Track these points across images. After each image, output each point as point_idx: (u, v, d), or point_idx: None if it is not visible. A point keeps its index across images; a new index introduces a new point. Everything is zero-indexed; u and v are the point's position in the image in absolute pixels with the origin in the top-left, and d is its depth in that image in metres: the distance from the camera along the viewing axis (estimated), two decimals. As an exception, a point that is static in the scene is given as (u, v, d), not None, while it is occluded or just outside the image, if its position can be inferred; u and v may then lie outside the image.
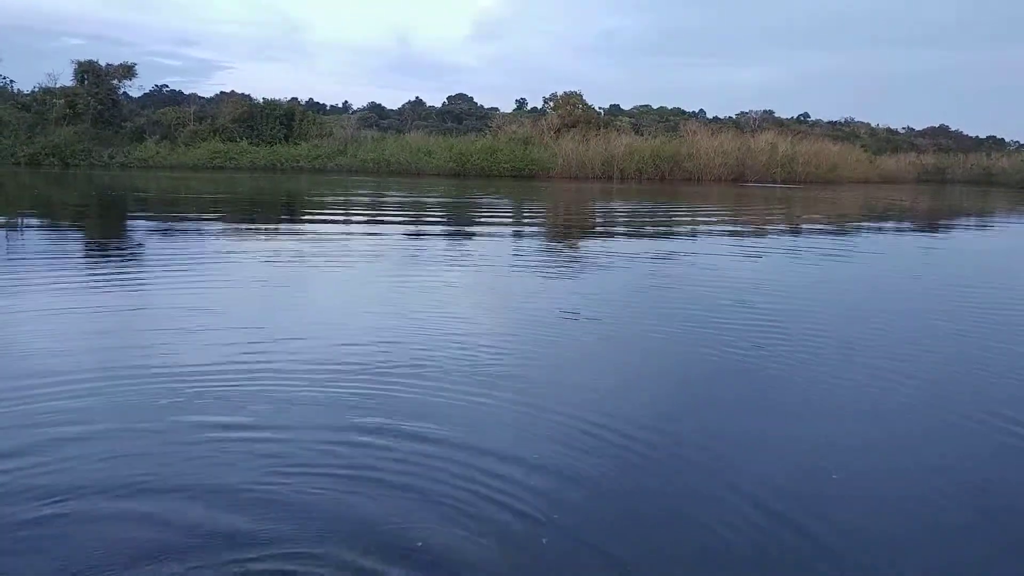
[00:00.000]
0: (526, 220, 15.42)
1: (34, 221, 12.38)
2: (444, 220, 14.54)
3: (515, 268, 8.42)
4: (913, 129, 63.24)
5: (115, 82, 34.38)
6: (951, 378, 4.59)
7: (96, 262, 8.21)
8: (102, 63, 33.91)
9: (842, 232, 13.94)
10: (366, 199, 19.50)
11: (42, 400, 3.68)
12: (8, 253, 8.40)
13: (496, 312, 6.22)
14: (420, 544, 2.48)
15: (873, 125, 61.80)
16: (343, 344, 4.82)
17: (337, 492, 2.83)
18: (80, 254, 8.80)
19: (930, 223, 17.17)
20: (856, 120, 61.97)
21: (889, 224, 16.24)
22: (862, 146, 46.86)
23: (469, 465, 3.07)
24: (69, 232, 11.12)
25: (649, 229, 13.54)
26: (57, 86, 33.75)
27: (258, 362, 4.38)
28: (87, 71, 33.49)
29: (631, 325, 5.76)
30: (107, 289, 6.54)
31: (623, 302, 6.64)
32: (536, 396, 3.93)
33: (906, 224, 16.56)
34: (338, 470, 3.01)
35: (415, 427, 3.45)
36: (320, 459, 3.12)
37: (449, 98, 63.44)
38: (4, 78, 35.55)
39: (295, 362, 4.41)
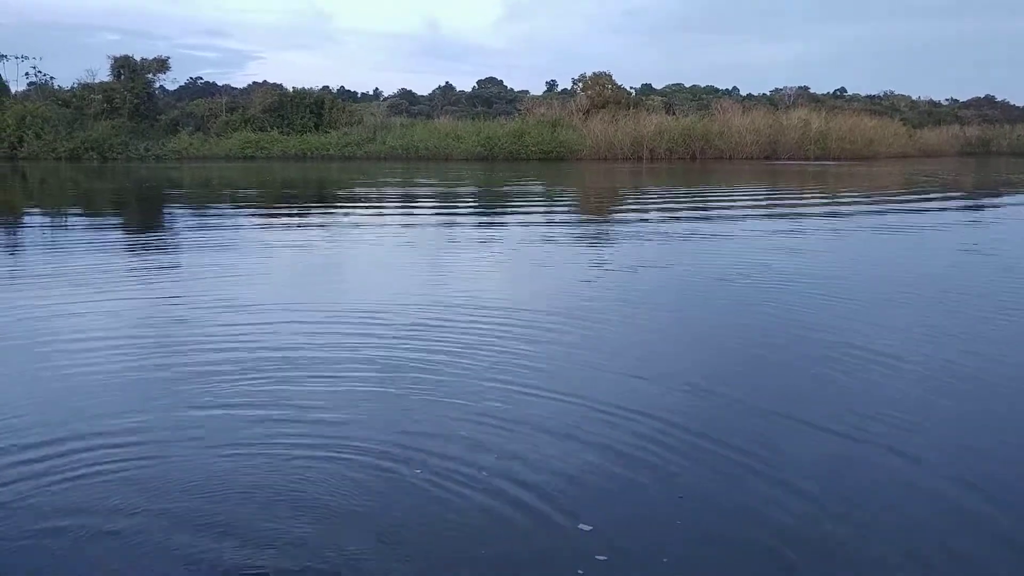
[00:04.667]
0: (558, 205, 15.44)
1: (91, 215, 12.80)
2: (475, 205, 14.64)
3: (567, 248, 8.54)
4: (957, 100, 61.16)
5: (150, 76, 35.08)
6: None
7: (150, 253, 8.52)
8: (137, 58, 34.68)
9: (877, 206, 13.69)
10: (396, 189, 19.70)
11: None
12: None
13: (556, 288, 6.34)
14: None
15: (914, 98, 59.92)
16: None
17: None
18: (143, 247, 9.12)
19: (970, 196, 16.72)
20: (896, 93, 60.17)
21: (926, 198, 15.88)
22: (901, 119, 45.52)
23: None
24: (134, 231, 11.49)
25: (685, 210, 13.48)
26: (96, 82, 34.59)
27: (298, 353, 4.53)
28: (123, 66, 34.24)
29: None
30: (164, 279, 6.81)
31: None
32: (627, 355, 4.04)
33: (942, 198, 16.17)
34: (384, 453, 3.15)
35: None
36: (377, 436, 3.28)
37: (479, 82, 63.46)
38: (45, 75, 36.54)
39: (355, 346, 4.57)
